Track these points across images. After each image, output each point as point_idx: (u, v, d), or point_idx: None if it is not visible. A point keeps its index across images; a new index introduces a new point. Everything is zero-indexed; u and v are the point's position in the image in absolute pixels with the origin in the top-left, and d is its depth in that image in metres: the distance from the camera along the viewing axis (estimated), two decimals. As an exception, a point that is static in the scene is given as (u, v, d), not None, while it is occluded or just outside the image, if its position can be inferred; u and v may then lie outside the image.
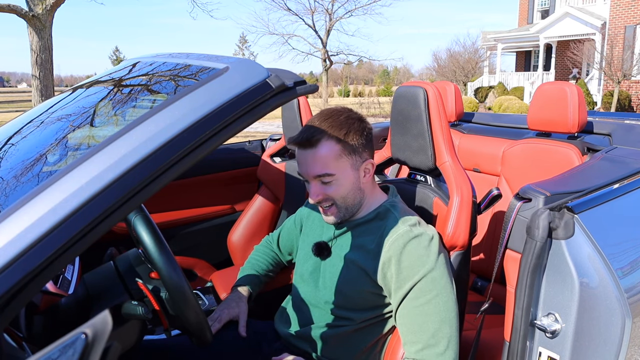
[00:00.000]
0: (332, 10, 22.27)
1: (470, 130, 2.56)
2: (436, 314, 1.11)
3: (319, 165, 1.15)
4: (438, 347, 1.10)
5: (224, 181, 2.58)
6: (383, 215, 1.23)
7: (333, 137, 1.15)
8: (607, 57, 14.68)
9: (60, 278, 1.33)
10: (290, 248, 1.54)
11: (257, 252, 1.60)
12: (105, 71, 1.36)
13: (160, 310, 1.13)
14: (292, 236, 1.52)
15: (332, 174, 1.16)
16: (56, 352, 0.45)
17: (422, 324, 1.11)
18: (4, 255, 0.67)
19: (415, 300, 1.12)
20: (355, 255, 1.22)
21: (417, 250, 1.13)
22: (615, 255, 1.19)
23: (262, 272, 1.53)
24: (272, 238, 1.60)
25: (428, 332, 1.11)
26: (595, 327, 1.15)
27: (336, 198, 1.19)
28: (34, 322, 1.06)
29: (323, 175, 1.16)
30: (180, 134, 0.78)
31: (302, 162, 1.18)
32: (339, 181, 1.17)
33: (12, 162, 1.02)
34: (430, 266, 1.12)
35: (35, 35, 8.71)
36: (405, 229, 1.16)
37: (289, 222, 1.54)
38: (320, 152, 1.15)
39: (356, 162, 1.19)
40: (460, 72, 25.41)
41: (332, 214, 1.22)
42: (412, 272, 1.12)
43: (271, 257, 1.58)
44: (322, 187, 1.18)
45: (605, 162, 1.59)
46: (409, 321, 1.14)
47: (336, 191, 1.18)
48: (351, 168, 1.18)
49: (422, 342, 1.11)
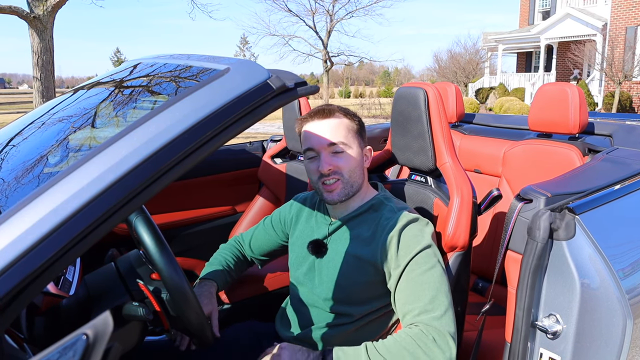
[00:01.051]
0: (333, 12, 22.28)
1: (471, 131, 2.56)
2: (432, 283, 1.13)
3: (336, 133, 1.23)
4: (435, 312, 1.10)
5: (225, 182, 2.59)
6: (377, 206, 1.28)
7: (345, 113, 1.28)
8: (608, 58, 14.68)
9: (61, 279, 1.33)
10: (264, 249, 1.50)
11: (223, 251, 1.54)
12: (106, 72, 1.36)
13: (161, 311, 1.13)
14: (267, 239, 1.48)
15: (347, 143, 1.24)
16: (57, 353, 0.45)
17: (419, 292, 1.13)
18: (5, 257, 0.67)
19: (412, 273, 1.16)
20: (352, 247, 1.25)
21: (412, 231, 1.20)
22: (616, 256, 1.19)
23: (229, 270, 1.48)
24: (244, 239, 1.55)
25: (424, 299, 1.12)
26: (596, 328, 1.14)
27: (344, 171, 1.23)
28: (35, 323, 1.06)
29: (336, 144, 1.22)
30: (181, 135, 0.78)
31: (318, 133, 1.24)
32: (348, 154, 1.24)
33: (14, 163, 1.03)
34: (425, 243, 1.18)
35: (36, 36, 8.72)
36: (404, 213, 1.24)
37: (262, 224, 1.51)
38: (338, 121, 1.25)
39: (361, 143, 1.29)
40: (461, 73, 25.39)
41: (336, 188, 1.24)
42: (408, 249, 1.18)
43: (236, 257, 1.52)
44: (334, 158, 1.23)
45: (606, 163, 1.59)
46: (405, 293, 1.15)
47: (346, 163, 1.23)
48: (359, 146, 1.28)
49: (419, 308, 1.11)
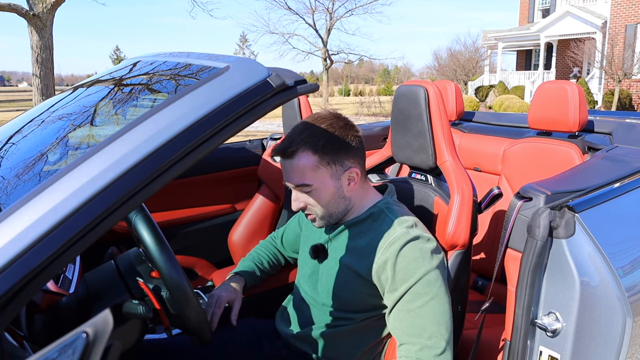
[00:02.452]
0: (332, 9, 22.26)
1: (470, 130, 2.56)
2: (433, 316, 1.11)
3: (296, 175, 1.15)
4: (436, 349, 1.09)
5: (224, 180, 2.58)
6: (377, 216, 1.22)
7: (310, 148, 1.13)
8: (608, 56, 14.66)
9: (61, 277, 1.33)
10: (295, 246, 1.55)
11: (260, 247, 1.61)
12: (106, 70, 1.36)
13: (161, 309, 1.13)
14: (295, 234, 1.53)
15: (310, 184, 1.15)
16: (57, 351, 0.45)
17: (420, 326, 1.11)
18: (5, 254, 0.67)
19: (412, 303, 1.12)
20: (348, 259, 1.22)
21: (413, 252, 1.12)
22: (616, 254, 1.19)
23: (260, 266, 1.54)
24: (277, 234, 1.61)
25: (425, 334, 1.10)
26: (596, 326, 1.14)
27: (316, 208, 1.19)
28: (35, 321, 1.06)
29: (301, 186, 1.16)
30: (180, 133, 0.78)
31: (283, 171, 1.19)
32: (318, 191, 1.17)
33: (13, 161, 1.03)
34: (426, 268, 1.11)
35: (35, 34, 8.70)
36: (402, 231, 1.15)
37: (293, 220, 1.55)
38: (297, 163, 1.14)
39: (336, 171, 1.17)
40: (460, 71, 25.36)
41: (313, 220, 1.23)
42: (407, 274, 1.11)
43: (272, 254, 1.59)
44: (303, 196, 1.19)
45: (605, 161, 1.59)
46: (405, 324, 1.13)
47: (316, 200, 1.18)
48: (330, 178, 1.17)
49: (420, 344, 1.10)
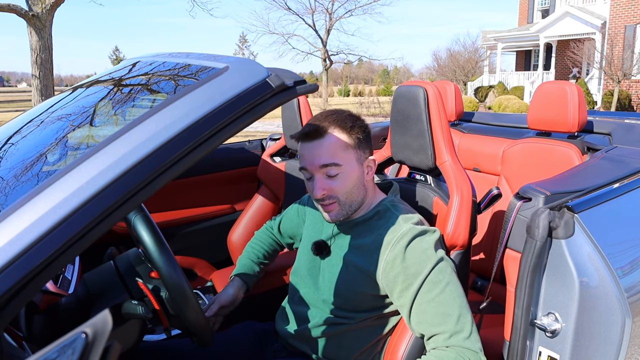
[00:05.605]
0: (332, 10, 22.26)
1: (470, 130, 2.56)
2: (453, 300, 1.11)
3: (326, 154, 1.14)
4: (464, 332, 1.10)
5: (224, 181, 2.58)
6: (383, 213, 1.22)
7: (341, 127, 1.16)
8: (607, 57, 14.67)
9: (61, 277, 1.33)
10: (292, 233, 1.54)
11: (256, 240, 1.60)
12: (105, 71, 1.36)
13: (161, 309, 1.13)
14: (293, 223, 1.51)
15: (340, 164, 1.14)
16: (56, 351, 0.45)
17: (444, 313, 1.11)
18: (4, 255, 0.67)
19: (430, 293, 1.12)
20: (354, 256, 1.21)
21: (421, 245, 1.14)
22: (615, 254, 1.19)
23: (258, 261, 1.55)
24: (274, 224, 1.60)
25: (452, 320, 1.10)
26: (595, 326, 1.15)
27: (340, 193, 1.17)
28: (34, 321, 1.06)
29: (330, 165, 1.14)
30: (180, 134, 0.78)
31: (308, 154, 1.16)
32: (345, 174, 1.16)
33: (12, 161, 1.02)
34: (437, 258, 1.13)
35: (35, 34, 8.70)
36: (408, 226, 1.16)
37: (291, 209, 1.53)
38: (328, 141, 1.14)
39: (361, 156, 1.19)
40: (460, 71, 25.39)
41: (333, 210, 1.19)
42: (420, 266, 1.12)
43: (268, 244, 1.58)
44: (327, 182, 1.16)
45: (605, 162, 1.59)
46: (429, 315, 1.12)
47: (341, 185, 1.16)
48: (357, 161, 1.18)
49: (449, 331, 1.10)
